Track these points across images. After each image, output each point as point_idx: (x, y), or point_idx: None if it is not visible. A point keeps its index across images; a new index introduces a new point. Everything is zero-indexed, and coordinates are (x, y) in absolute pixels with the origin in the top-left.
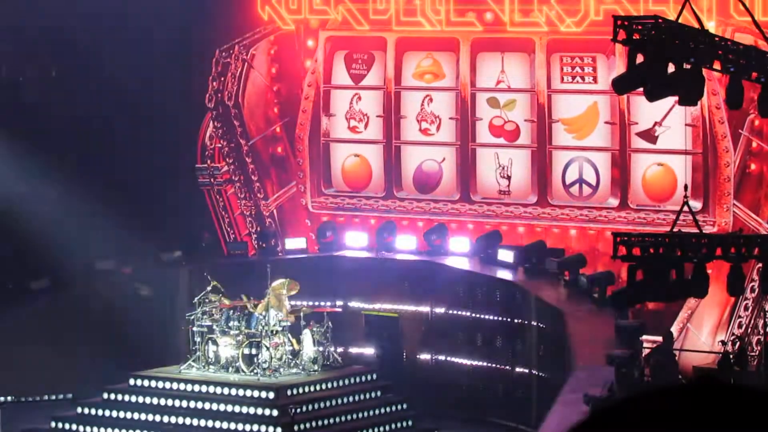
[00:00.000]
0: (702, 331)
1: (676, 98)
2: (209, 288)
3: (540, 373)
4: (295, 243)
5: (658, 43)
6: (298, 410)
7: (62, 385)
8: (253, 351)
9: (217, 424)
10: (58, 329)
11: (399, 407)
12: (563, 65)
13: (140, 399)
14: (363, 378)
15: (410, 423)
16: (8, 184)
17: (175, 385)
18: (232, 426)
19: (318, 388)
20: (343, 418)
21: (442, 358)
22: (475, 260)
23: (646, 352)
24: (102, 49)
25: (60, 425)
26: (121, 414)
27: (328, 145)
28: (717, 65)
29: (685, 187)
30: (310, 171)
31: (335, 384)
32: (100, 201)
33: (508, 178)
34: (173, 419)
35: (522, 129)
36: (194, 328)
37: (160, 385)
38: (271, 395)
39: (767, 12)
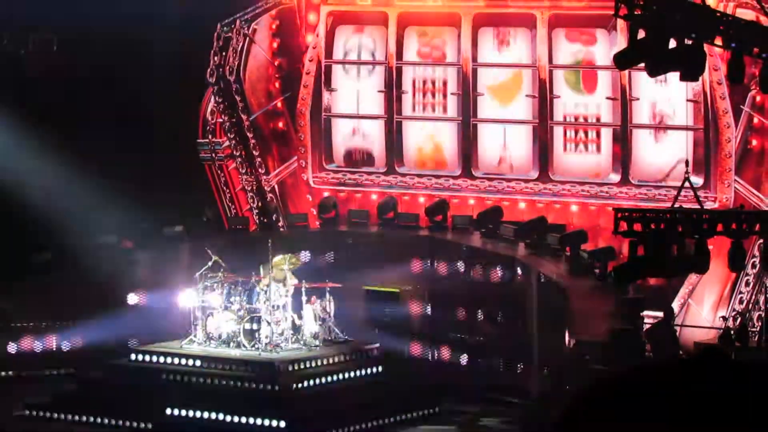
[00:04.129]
0: (703, 307)
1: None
2: (210, 263)
3: (541, 349)
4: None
5: (660, 18)
6: (300, 386)
7: (64, 360)
8: (255, 326)
9: (219, 399)
10: (59, 303)
11: (400, 383)
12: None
13: (141, 374)
14: (364, 353)
15: (411, 399)
16: (10, 158)
17: (176, 360)
18: (233, 401)
19: (319, 363)
20: (344, 393)
21: (443, 333)
22: (477, 235)
23: (647, 327)
24: (103, 24)
25: (61, 400)
26: (123, 389)
27: (330, 120)
28: (718, 41)
29: (687, 162)
30: (311, 146)
31: (336, 359)
32: (101, 175)
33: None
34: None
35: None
36: (195, 303)
37: (162, 360)
38: (273, 370)
39: None
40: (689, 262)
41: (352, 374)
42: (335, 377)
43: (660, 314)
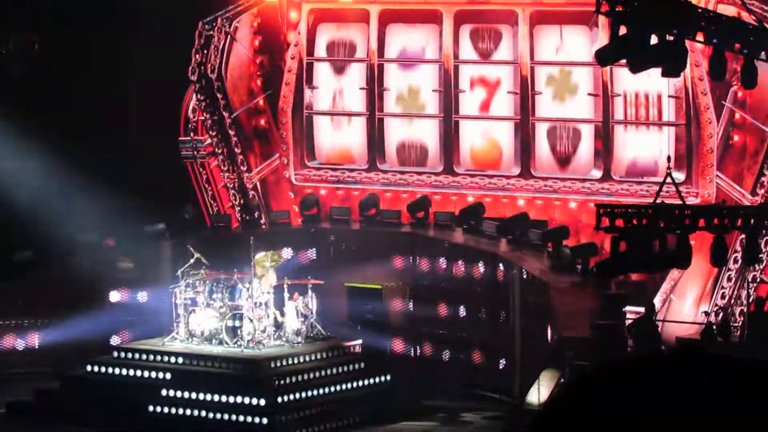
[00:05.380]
0: (685, 302)
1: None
2: (192, 261)
3: (524, 344)
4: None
5: (641, 14)
6: (282, 382)
7: (45, 358)
8: (237, 323)
9: (200, 396)
10: (41, 301)
11: (383, 379)
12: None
13: (124, 371)
14: (346, 350)
15: (393, 395)
16: None
17: (158, 357)
18: (215, 398)
19: (301, 360)
20: (326, 390)
21: (425, 330)
22: (459, 232)
23: (629, 322)
24: (84, 22)
25: (43, 398)
26: (105, 386)
27: (311, 117)
28: (700, 37)
29: (668, 158)
30: (293, 143)
31: (319, 356)
32: (83, 173)
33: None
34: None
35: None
36: (177, 301)
37: (144, 357)
38: (255, 367)
39: None
40: (671, 258)
41: (334, 370)
42: (317, 374)
43: (642, 310)
